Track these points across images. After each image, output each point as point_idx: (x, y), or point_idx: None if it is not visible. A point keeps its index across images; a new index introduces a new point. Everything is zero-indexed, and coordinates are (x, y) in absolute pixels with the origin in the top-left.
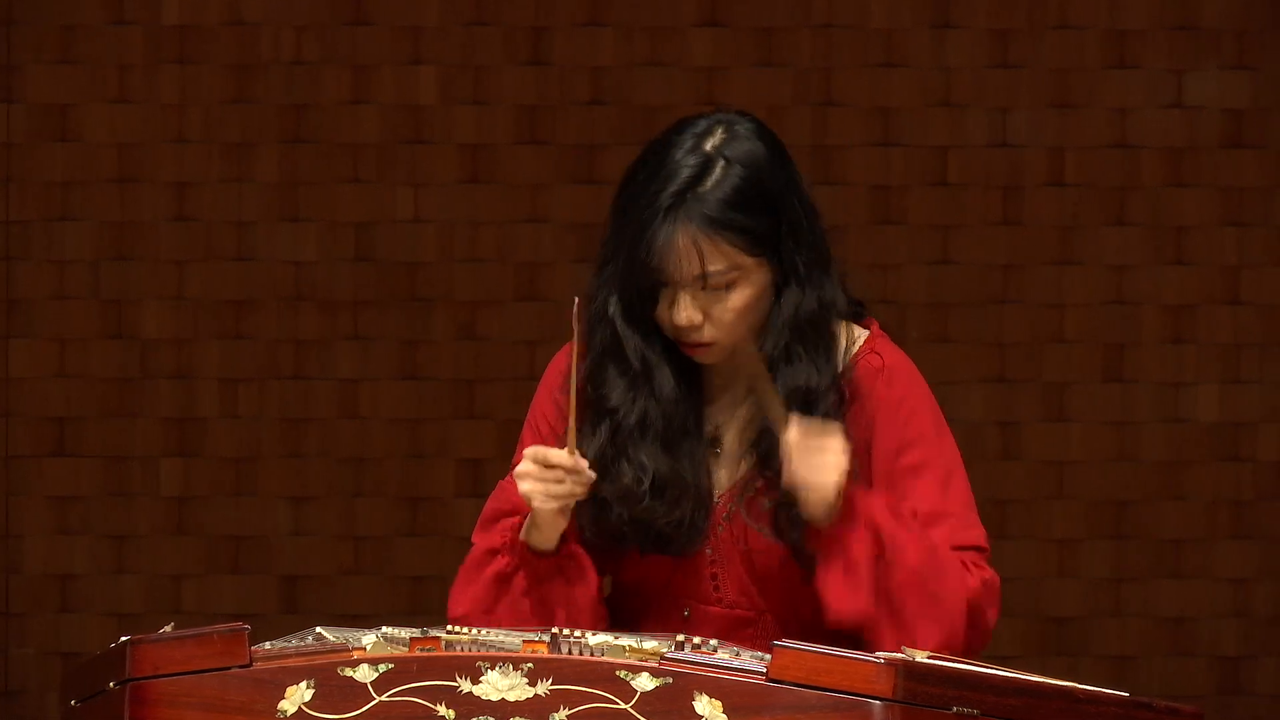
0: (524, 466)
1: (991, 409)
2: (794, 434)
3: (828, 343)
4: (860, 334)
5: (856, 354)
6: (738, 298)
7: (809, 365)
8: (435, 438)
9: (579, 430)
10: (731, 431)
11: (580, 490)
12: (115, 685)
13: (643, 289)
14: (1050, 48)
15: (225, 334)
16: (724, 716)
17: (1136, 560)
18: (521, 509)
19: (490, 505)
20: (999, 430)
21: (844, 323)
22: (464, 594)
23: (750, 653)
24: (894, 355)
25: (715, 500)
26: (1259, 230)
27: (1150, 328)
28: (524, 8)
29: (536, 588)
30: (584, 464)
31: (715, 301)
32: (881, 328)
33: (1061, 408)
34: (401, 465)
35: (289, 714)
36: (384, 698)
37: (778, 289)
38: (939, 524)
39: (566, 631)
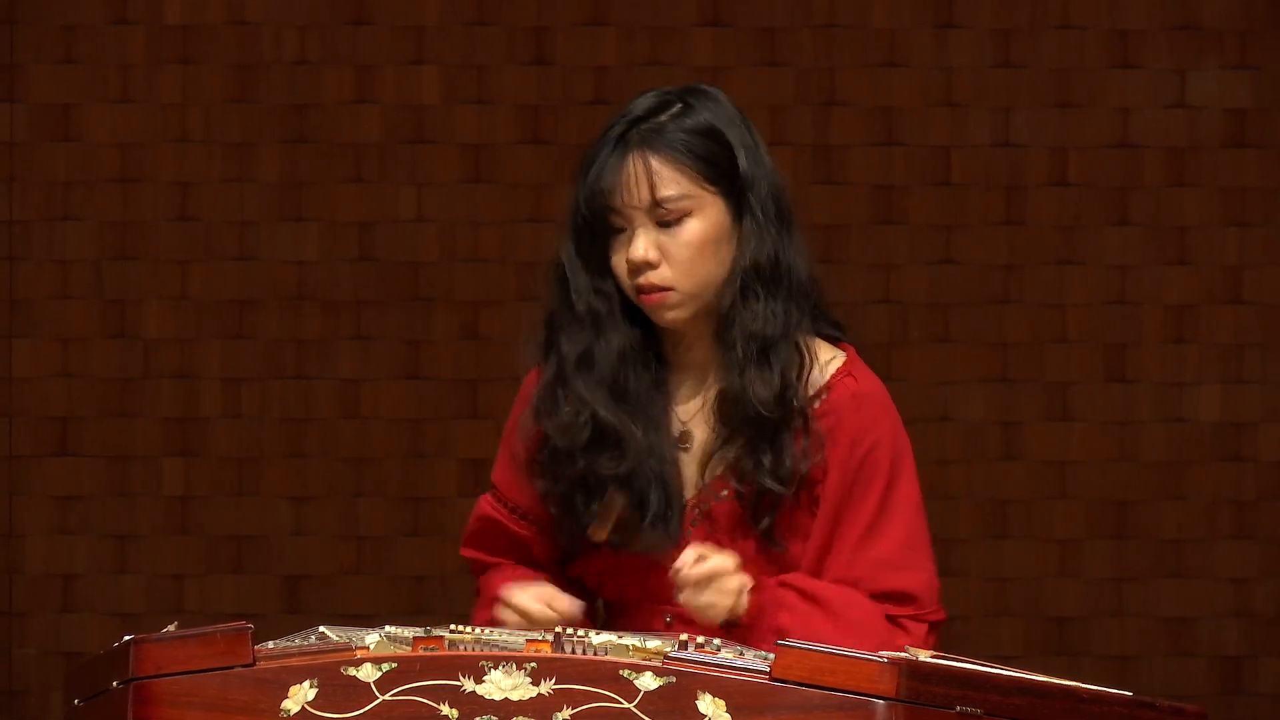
0: (507, 615)
1: (993, 409)
2: (685, 563)
3: (787, 291)
4: (837, 355)
5: (833, 376)
6: (692, 230)
7: (767, 309)
8: (436, 437)
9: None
10: (699, 430)
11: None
12: (118, 685)
13: (594, 224)
14: (1052, 47)
15: (227, 334)
16: (727, 716)
17: (1137, 560)
18: (505, 525)
19: (474, 524)
20: (1000, 430)
21: (818, 341)
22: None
23: (754, 652)
24: (869, 382)
25: (685, 501)
26: (1260, 230)
27: (1151, 328)
28: (526, 7)
29: None
30: (574, 609)
31: (670, 237)
32: (859, 352)
33: (1063, 408)
34: (403, 465)
35: (292, 713)
36: (387, 697)
37: (738, 240)
38: (866, 573)
39: (570, 631)
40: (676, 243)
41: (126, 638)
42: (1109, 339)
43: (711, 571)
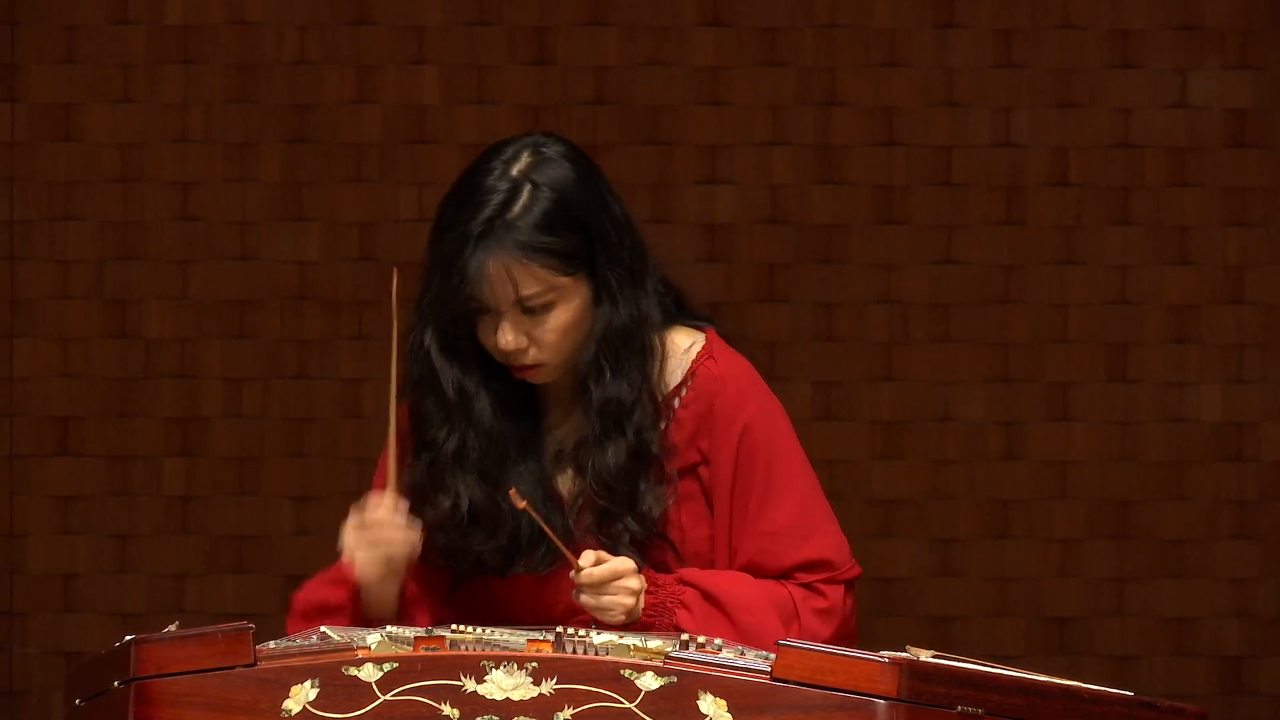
0: (346, 530)
1: (994, 409)
2: (585, 564)
3: (640, 357)
4: (696, 340)
5: (694, 362)
6: (558, 317)
7: (619, 380)
8: None
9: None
10: (574, 444)
11: (403, 550)
12: (119, 685)
13: (458, 318)
14: (1053, 47)
15: (228, 333)
16: (728, 716)
17: (1138, 560)
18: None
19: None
20: (1001, 430)
21: (674, 329)
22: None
23: (755, 652)
24: (731, 362)
25: (573, 514)
26: (1261, 230)
27: (1152, 328)
28: (527, 7)
29: None
30: (408, 525)
31: (537, 324)
32: (721, 335)
33: (1064, 408)
34: None
35: (293, 713)
36: (388, 697)
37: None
38: (769, 549)
39: (571, 631)
40: (544, 329)
41: (127, 638)
42: (1110, 339)
43: (612, 572)
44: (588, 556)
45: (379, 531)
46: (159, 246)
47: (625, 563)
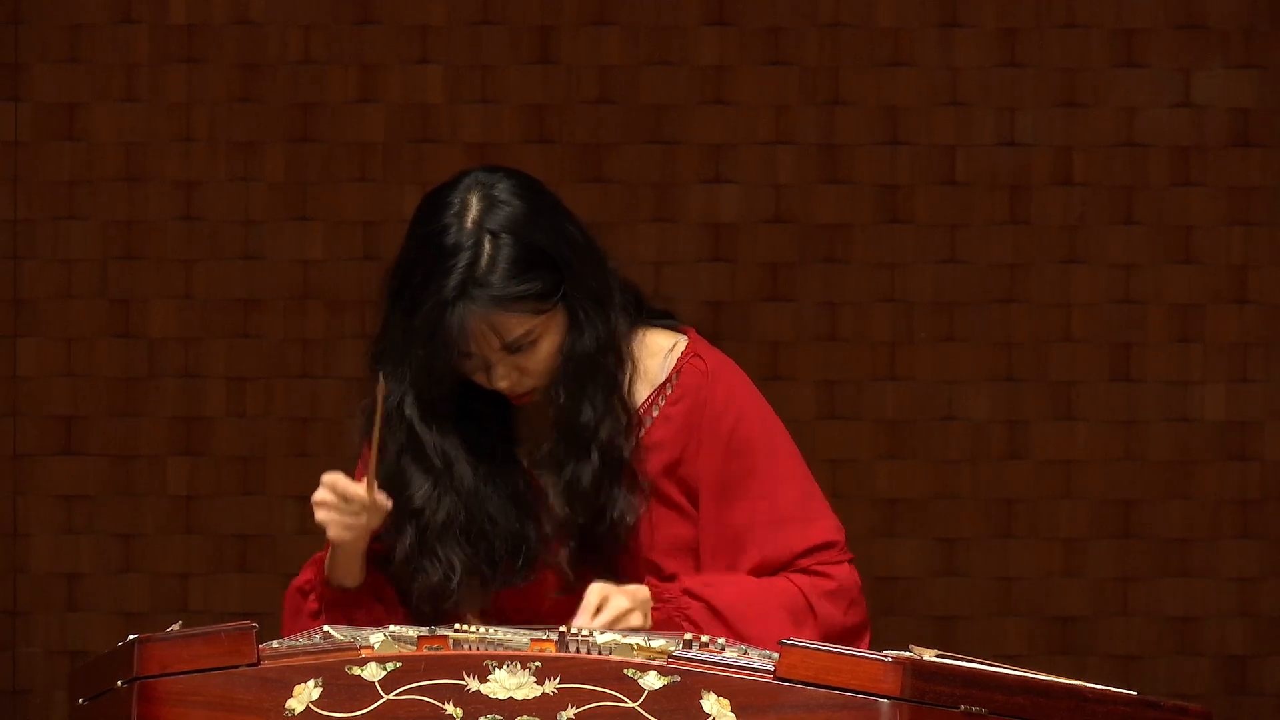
0: (320, 494)
1: (998, 408)
2: (586, 613)
3: (608, 376)
4: (679, 340)
5: (680, 360)
6: (545, 347)
7: (584, 403)
8: None
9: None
10: (544, 454)
11: (375, 522)
12: (123, 684)
13: (441, 383)
14: (1057, 47)
15: (232, 333)
16: (732, 715)
17: (1143, 559)
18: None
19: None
20: (1005, 429)
21: (651, 331)
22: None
23: (758, 651)
24: (716, 360)
25: (546, 533)
26: (1265, 229)
27: (1156, 327)
28: (531, 7)
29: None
30: (382, 499)
31: (526, 358)
32: (700, 333)
33: (1068, 407)
34: None
35: (297, 713)
36: (392, 696)
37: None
38: (777, 539)
39: (574, 630)
40: (532, 360)
41: (131, 637)
42: (1114, 338)
43: (613, 619)
44: (588, 602)
45: (358, 510)
46: (163, 246)
47: (620, 602)
